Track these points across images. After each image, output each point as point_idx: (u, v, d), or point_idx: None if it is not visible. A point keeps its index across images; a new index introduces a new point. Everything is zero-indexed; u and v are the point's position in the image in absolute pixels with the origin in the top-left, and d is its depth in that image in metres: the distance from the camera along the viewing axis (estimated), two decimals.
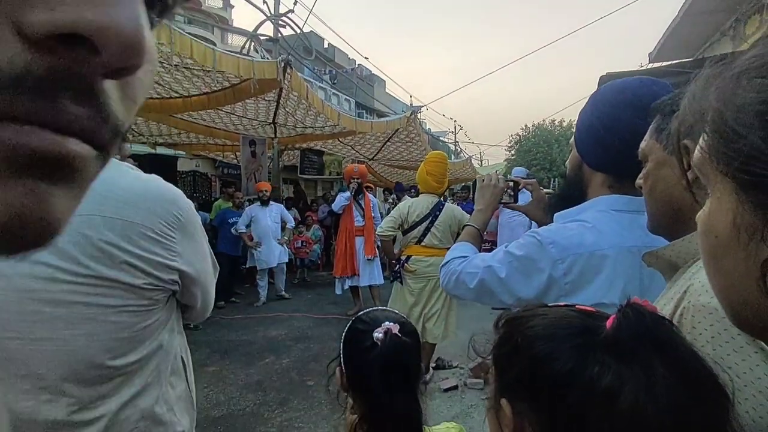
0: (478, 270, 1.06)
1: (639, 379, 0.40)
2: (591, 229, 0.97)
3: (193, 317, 0.94)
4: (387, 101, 27.99)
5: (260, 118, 6.52)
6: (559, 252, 0.96)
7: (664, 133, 0.74)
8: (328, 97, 21.14)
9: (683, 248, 0.67)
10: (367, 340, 0.81)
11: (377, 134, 7.76)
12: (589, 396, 0.41)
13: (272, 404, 3.20)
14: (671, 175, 0.72)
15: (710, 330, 0.54)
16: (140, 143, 7.89)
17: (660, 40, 7.57)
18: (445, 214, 3.49)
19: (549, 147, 31.60)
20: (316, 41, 18.40)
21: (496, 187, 1.32)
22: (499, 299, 1.03)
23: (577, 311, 0.50)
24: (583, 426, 0.41)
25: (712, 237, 0.37)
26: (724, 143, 0.33)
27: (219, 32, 22.12)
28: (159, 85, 4.96)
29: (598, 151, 1.02)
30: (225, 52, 4.26)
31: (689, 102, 0.40)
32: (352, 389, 0.85)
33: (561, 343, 0.45)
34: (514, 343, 0.49)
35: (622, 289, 0.92)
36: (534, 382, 0.46)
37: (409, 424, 0.79)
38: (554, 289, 0.97)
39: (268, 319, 5.34)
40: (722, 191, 0.35)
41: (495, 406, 0.50)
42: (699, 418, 0.40)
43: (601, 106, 1.01)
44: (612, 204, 1.00)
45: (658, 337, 0.43)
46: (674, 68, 4.52)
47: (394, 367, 0.78)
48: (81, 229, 0.68)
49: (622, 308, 0.45)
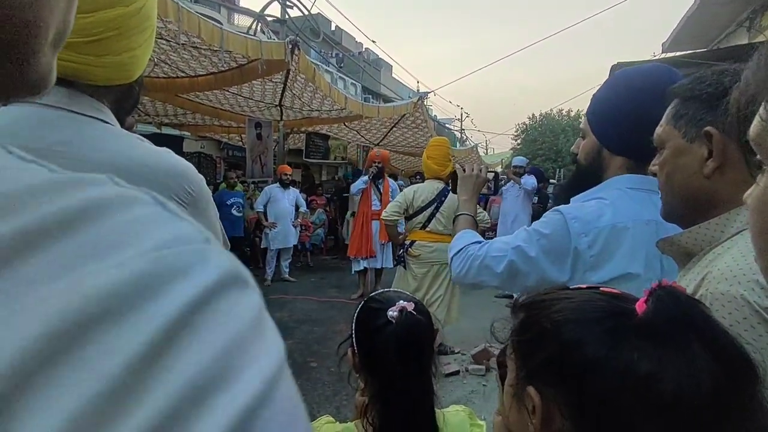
0: (505, 252, 1.04)
1: (680, 364, 0.40)
2: (609, 205, 0.99)
3: None
4: (394, 86, 27.71)
5: (267, 100, 6.47)
6: (582, 226, 0.98)
7: (682, 120, 0.71)
8: (335, 80, 20.92)
9: (699, 236, 0.67)
10: (381, 319, 0.81)
11: (383, 119, 7.69)
12: (625, 382, 0.40)
13: None
14: (690, 164, 0.70)
15: (729, 318, 0.54)
16: (146, 123, 7.86)
17: (674, 29, 7.42)
18: (450, 200, 3.45)
19: (555, 137, 31.28)
20: (323, 23, 18.16)
21: (479, 178, 1.34)
22: (525, 282, 1.03)
23: (602, 294, 0.49)
24: (618, 412, 0.41)
25: (767, 214, 0.36)
26: None
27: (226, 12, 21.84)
28: (165, 64, 4.91)
29: (624, 135, 1.01)
30: (233, 31, 4.21)
31: (752, 71, 0.38)
32: (364, 369, 0.85)
33: (591, 327, 0.44)
34: (539, 329, 0.48)
35: (645, 259, 0.94)
36: (564, 367, 0.45)
37: (422, 404, 0.79)
38: (580, 263, 0.98)
39: (272, 301, 5.38)
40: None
41: (518, 393, 0.49)
42: (737, 399, 0.40)
43: (626, 91, 1.01)
44: (626, 183, 1.02)
45: (694, 319, 0.43)
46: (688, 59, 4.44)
47: (409, 344, 0.78)
48: None
49: (653, 291, 0.45)
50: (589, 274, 0.98)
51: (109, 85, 0.71)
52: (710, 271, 0.60)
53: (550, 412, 0.45)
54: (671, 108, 0.74)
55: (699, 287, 0.60)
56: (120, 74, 0.71)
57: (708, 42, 7.31)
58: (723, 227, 0.64)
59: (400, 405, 0.77)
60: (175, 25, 3.52)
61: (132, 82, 0.76)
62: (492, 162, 15.92)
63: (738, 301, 0.54)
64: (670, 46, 7.68)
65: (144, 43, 0.71)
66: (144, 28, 0.69)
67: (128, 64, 0.70)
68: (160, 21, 3.66)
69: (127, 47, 0.67)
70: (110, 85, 0.72)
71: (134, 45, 0.68)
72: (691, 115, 0.70)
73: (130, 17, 0.65)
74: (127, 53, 0.68)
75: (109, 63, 0.67)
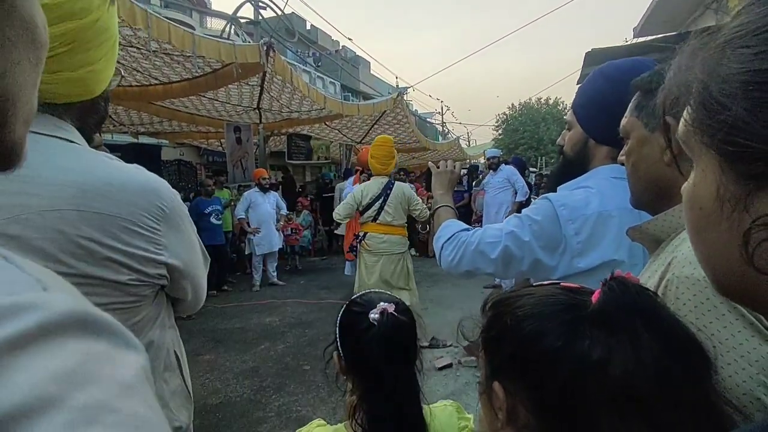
0: (499, 238, 1.07)
1: (627, 349, 0.42)
2: (596, 194, 1.03)
3: (185, 310, 0.91)
4: (373, 83, 27.64)
5: (244, 103, 6.39)
6: (570, 213, 1.02)
7: (644, 111, 0.75)
8: (313, 80, 20.79)
9: (666, 223, 0.69)
10: (363, 322, 0.81)
11: (364, 117, 7.68)
12: (580, 369, 0.42)
13: (269, 389, 3.22)
14: (653, 153, 0.73)
15: (693, 300, 0.56)
16: (121, 133, 7.71)
17: (644, 14, 7.55)
18: (394, 193, 3.81)
19: (536, 126, 31.66)
20: (298, 23, 17.98)
21: (453, 173, 1.38)
22: (520, 267, 1.06)
23: (562, 288, 0.50)
24: (575, 401, 0.42)
25: (696, 209, 0.37)
26: (708, 115, 0.33)
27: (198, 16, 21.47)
28: (138, 72, 4.81)
29: (609, 125, 1.03)
30: (205, 36, 4.15)
31: (674, 75, 0.40)
32: (350, 372, 0.85)
33: (549, 320, 0.46)
34: (502, 325, 0.50)
35: (628, 247, 0.97)
36: (525, 360, 0.46)
37: (409, 402, 0.80)
38: (568, 249, 1.02)
39: (261, 306, 5.34)
40: (706, 163, 0.35)
41: (487, 390, 0.50)
42: (685, 381, 0.41)
43: (610, 83, 1.04)
44: (610, 172, 1.06)
45: (642, 307, 0.45)
46: (658, 42, 4.53)
47: (392, 346, 0.79)
48: (56, 225, 0.63)
49: (606, 282, 0.47)
50: (576, 260, 1.02)
51: (70, 102, 0.69)
52: (675, 256, 0.62)
53: (515, 407, 0.47)
54: (634, 100, 0.78)
55: (666, 272, 0.62)
56: (79, 90, 0.68)
57: (677, 25, 7.46)
58: None
59: (386, 405, 0.78)
60: (144, 33, 3.45)
61: (96, 98, 0.73)
62: (475, 153, 16.02)
63: (701, 283, 0.56)
64: (641, 31, 7.81)
65: (104, 56, 0.68)
66: (102, 42, 0.66)
67: (87, 79, 0.67)
68: (129, 29, 3.58)
69: (84, 62, 0.65)
70: (71, 102, 0.69)
71: (92, 59, 0.66)
72: (651, 107, 0.73)
73: (85, 31, 0.62)
74: (84, 68, 0.65)
75: (65, 79, 0.64)
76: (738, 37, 0.32)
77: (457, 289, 5.55)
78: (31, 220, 0.62)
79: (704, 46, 0.35)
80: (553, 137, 30.18)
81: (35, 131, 0.65)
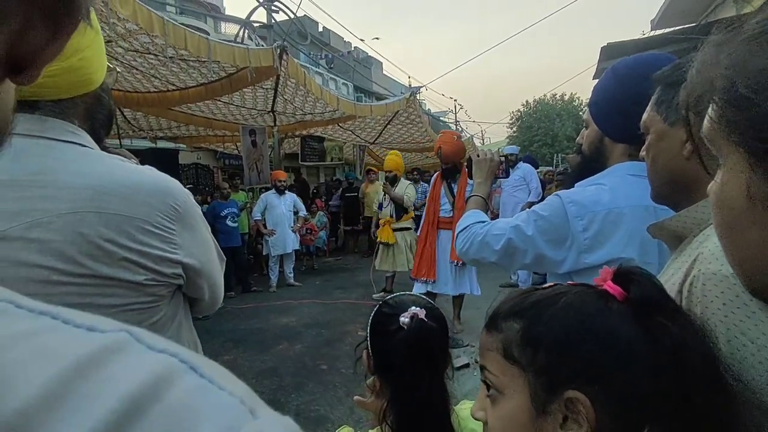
0: (504, 231, 1.11)
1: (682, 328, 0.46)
2: (608, 191, 1.03)
3: (203, 310, 0.92)
4: (385, 83, 27.65)
5: (259, 107, 6.47)
6: (578, 209, 1.03)
7: (663, 105, 0.74)
8: (326, 81, 20.90)
9: (688, 219, 0.67)
10: (393, 324, 0.80)
11: (377, 117, 7.69)
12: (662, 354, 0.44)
13: (288, 389, 3.26)
14: (672, 147, 0.72)
15: (721, 297, 0.54)
16: (141, 138, 7.88)
17: (662, 6, 7.38)
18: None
19: (551, 122, 31.23)
20: (310, 25, 18.09)
21: (493, 161, 1.42)
22: (523, 259, 1.09)
23: (576, 285, 0.51)
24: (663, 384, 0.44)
25: (726, 209, 0.37)
26: (736, 112, 0.32)
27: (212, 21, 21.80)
28: (156, 78, 4.92)
29: (623, 122, 1.04)
30: (219, 41, 4.21)
31: (697, 71, 0.39)
32: (379, 373, 0.84)
33: (608, 314, 0.46)
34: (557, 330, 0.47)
35: (640, 245, 0.97)
36: (606, 359, 0.45)
37: (437, 407, 0.79)
38: (575, 245, 1.03)
39: (278, 306, 5.39)
40: (735, 162, 0.34)
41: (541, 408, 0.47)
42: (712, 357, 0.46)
43: (623, 80, 1.04)
44: (628, 170, 1.05)
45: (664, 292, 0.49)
46: (677, 35, 4.42)
47: (420, 351, 0.77)
48: (75, 227, 0.65)
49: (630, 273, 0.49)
50: (584, 255, 1.02)
51: (74, 97, 0.70)
52: (701, 252, 0.60)
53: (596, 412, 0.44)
54: (655, 95, 0.77)
55: (691, 269, 0.60)
56: (77, 80, 0.69)
57: (696, 16, 7.28)
58: (710, 209, 0.66)
59: (414, 408, 0.77)
60: (161, 39, 3.52)
61: (98, 91, 0.74)
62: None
63: (730, 280, 0.54)
64: (658, 23, 7.64)
65: (91, 44, 0.69)
66: (83, 28, 0.68)
67: (81, 68, 0.68)
68: (146, 36, 3.66)
69: (72, 49, 0.65)
70: (75, 98, 0.71)
71: (80, 46, 0.67)
72: (670, 101, 0.73)
73: None
74: (75, 56, 0.66)
75: (61, 70, 0.65)
76: (766, 31, 0.31)
77: None
78: (52, 223, 0.63)
79: (729, 41, 0.35)
80: (568, 133, 29.72)
81: (51, 137, 0.68)
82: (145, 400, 0.17)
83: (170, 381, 0.19)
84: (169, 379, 0.19)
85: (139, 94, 5.38)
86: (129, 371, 0.18)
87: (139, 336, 0.21)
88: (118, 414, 0.17)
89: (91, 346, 0.19)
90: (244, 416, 0.19)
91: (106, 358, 0.18)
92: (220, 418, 0.19)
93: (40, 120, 0.67)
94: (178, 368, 0.20)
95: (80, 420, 0.16)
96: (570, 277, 1.03)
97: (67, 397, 0.16)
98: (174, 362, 0.20)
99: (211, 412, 0.19)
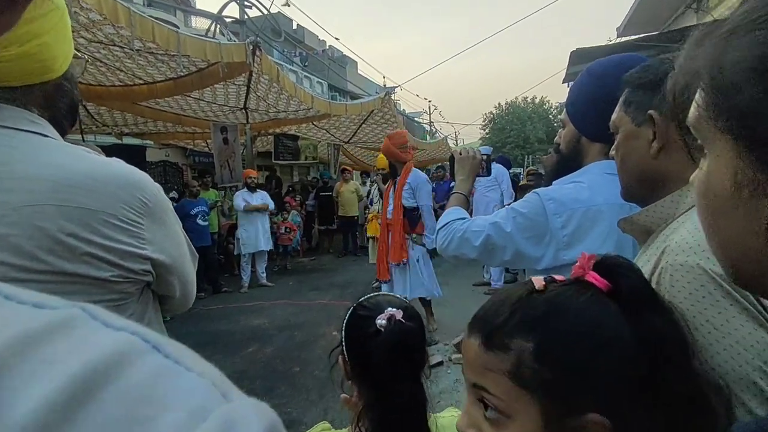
0: (483, 228, 1.12)
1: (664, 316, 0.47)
2: (585, 188, 1.05)
3: (174, 308, 0.88)
4: (360, 83, 27.60)
5: (231, 103, 6.32)
6: (557, 207, 1.04)
7: (632, 106, 0.76)
8: (300, 80, 20.65)
9: (656, 213, 0.70)
10: (370, 327, 0.78)
11: (352, 117, 7.65)
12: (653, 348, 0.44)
13: (259, 392, 3.19)
14: (640, 146, 0.75)
15: (688, 287, 0.57)
16: (105, 134, 7.57)
17: (627, 14, 7.66)
18: None
19: (522, 125, 31.95)
20: (284, 22, 17.88)
21: (475, 159, 1.43)
22: (503, 256, 1.10)
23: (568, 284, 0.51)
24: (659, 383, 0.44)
25: (711, 196, 0.36)
26: (723, 98, 0.33)
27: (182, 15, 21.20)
28: (121, 71, 4.72)
29: (598, 122, 1.06)
30: (190, 35, 4.09)
31: (683, 62, 0.39)
32: (356, 377, 0.82)
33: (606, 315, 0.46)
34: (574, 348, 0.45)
35: (616, 241, 1.00)
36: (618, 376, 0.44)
37: (416, 411, 0.77)
38: (553, 241, 1.04)
39: (249, 308, 5.29)
40: (721, 149, 0.34)
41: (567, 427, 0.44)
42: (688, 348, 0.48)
43: (598, 80, 1.06)
44: (604, 168, 1.07)
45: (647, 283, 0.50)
46: (641, 42, 4.60)
47: (399, 353, 0.75)
48: (34, 220, 0.61)
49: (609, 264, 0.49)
50: (562, 252, 1.04)
51: (30, 84, 0.66)
52: (668, 245, 0.63)
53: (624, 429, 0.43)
54: (623, 96, 0.79)
55: (659, 261, 0.63)
56: (34, 67, 0.65)
57: (660, 25, 7.59)
58: (677, 204, 0.69)
59: (392, 413, 0.75)
60: (127, 31, 3.38)
61: (59, 79, 0.69)
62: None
63: (695, 270, 0.57)
64: (624, 30, 7.93)
65: (53, 29, 0.65)
66: (46, 12, 0.63)
67: (38, 53, 0.64)
68: (111, 27, 3.51)
69: (30, 34, 0.61)
70: (32, 85, 0.66)
71: (39, 31, 0.62)
72: (638, 101, 0.75)
73: None
74: (33, 41, 0.62)
75: (16, 55, 0.61)
76: (746, 23, 0.32)
77: (447, 288, 5.55)
78: (6, 216, 0.60)
79: (711, 32, 0.35)
80: (539, 135, 30.51)
81: (8, 126, 0.63)
82: (96, 381, 0.15)
83: (128, 361, 0.17)
84: (127, 358, 0.17)
85: (103, 88, 5.16)
86: (78, 350, 0.16)
87: (94, 313, 0.18)
88: (61, 397, 0.14)
89: (34, 323, 0.16)
90: (215, 399, 0.18)
91: (50, 335, 0.16)
92: (187, 401, 0.17)
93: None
94: (139, 347, 0.18)
95: (12, 405, 0.14)
96: (549, 273, 1.05)
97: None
98: (135, 340, 0.18)
99: (177, 394, 0.17)
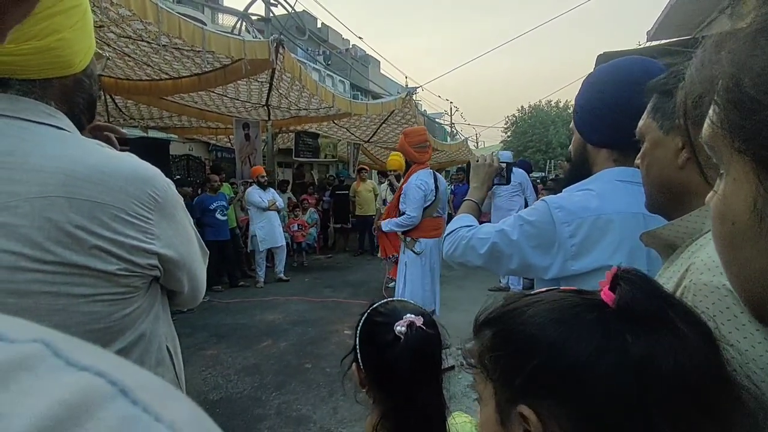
0: (489, 235, 1.10)
1: (670, 341, 0.39)
2: (595, 197, 1.01)
3: (183, 303, 0.89)
4: (382, 82, 27.62)
5: (253, 100, 6.40)
6: (566, 215, 1.00)
7: (659, 113, 0.73)
8: (322, 78, 20.81)
9: (681, 228, 0.67)
10: (389, 334, 0.75)
11: (372, 116, 7.66)
12: (622, 369, 0.39)
13: (270, 387, 3.22)
14: (666, 156, 0.71)
15: (712, 308, 0.54)
16: (131, 126, 7.76)
17: (658, 18, 7.45)
18: None
19: (545, 128, 31.48)
20: (308, 21, 18.02)
21: (491, 167, 1.39)
22: (509, 264, 1.07)
23: (567, 291, 0.47)
24: (621, 404, 0.38)
25: (728, 223, 0.33)
26: (742, 115, 0.29)
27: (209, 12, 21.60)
28: (148, 66, 4.84)
29: (600, 128, 1.05)
30: (215, 31, 4.15)
31: (697, 69, 0.35)
32: (372, 386, 0.79)
33: (575, 323, 0.42)
34: (518, 338, 0.45)
35: (628, 252, 0.95)
36: (557, 372, 0.41)
37: (436, 417, 0.75)
38: (561, 251, 1.01)
39: (265, 302, 5.35)
40: (739, 171, 0.31)
41: (504, 419, 0.44)
42: (716, 364, 0.39)
43: (601, 85, 1.04)
44: (616, 175, 1.03)
45: (667, 295, 0.42)
46: (671, 46, 4.46)
47: (421, 362, 0.73)
48: (44, 212, 0.62)
49: (619, 276, 0.43)
50: (570, 262, 1.00)
51: (49, 78, 0.67)
52: (693, 263, 0.59)
53: (549, 428, 0.41)
54: (651, 102, 0.76)
55: (683, 279, 0.60)
56: (53, 61, 0.66)
57: (692, 29, 7.35)
58: (704, 219, 0.65)
59: (413, 422, 0.73)
60: (155, 27, 3.46)
61: (79, 74, 0.70)
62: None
63: (721, 291, 0.54)
64: (655, 34, 7.71)
65: (74, 25, 0.65)
66: (68, 8, 0.64)
67: (57, 48, 0.64)
68: (139, 22, 3.59)
69: (50, 29, 0.62)
70: (50, 78, 0.67)
71: (59, 27, 0.63)
72: (665, 108, 0.71)
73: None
74: (52, 36, 0.63)
75: (35, 49, 0.62)
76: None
77: (461, 291, 5.52)
78: (18, 207, 0.60)
79: (731, 35, 0.31)
80: (562, 140, 29.99)
81: (24, 118, 0.64)
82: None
83: (89, 410, 0.15)
84: (88, 407, 0.15)
85: (131, 82, 5.30)
86: (30, 398, 0.14)
87: (58, 348, 0.16)
88: None
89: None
90: None
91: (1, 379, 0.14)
92: None
93: (12, 99, 0.64)
94: (103, 392, 0.15)
95: None
96: (558, 283, 1.01)
97: None
98: (99, 384, 0.16)
99: None
